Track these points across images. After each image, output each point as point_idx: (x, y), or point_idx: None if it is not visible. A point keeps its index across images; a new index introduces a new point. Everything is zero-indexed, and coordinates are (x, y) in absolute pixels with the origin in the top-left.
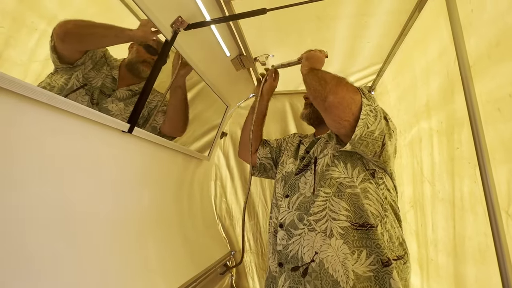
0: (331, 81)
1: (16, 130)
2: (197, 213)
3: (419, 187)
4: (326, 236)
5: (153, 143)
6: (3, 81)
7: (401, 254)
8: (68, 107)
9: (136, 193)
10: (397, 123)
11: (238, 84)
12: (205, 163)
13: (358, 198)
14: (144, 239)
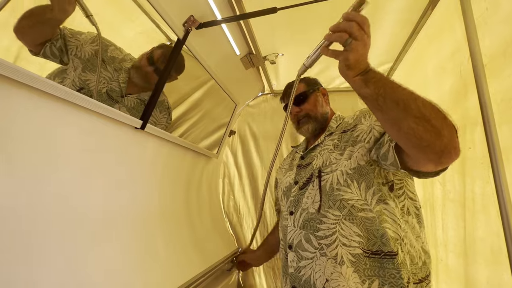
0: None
1: (30, 124)
2: (205, 210)
3: (429, 187)
4: (337, 263)
5: (164, 140)
6: (21, 76)
7: (424, 276)
8: (82, 102)
9: (147, 189)
10: None
11: (247, 82)
12: (214, 160)
13: (373, 223)
14: (153, 234)
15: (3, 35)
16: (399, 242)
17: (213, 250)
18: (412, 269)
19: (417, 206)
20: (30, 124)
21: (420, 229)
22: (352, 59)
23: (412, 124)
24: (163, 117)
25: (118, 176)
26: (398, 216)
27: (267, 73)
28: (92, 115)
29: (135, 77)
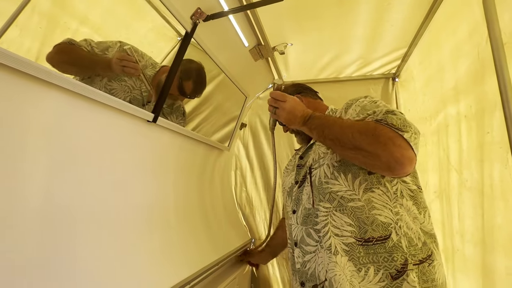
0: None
1: (47, 118)
2: (218, 201)
3: (445, 175)
4: (332, 254)
5: (176, 133)
6: (40, 72)
7: (425, 256)
8: (96, 96)
9: (160, 181)
10: (423, 109)
11: (257, 74)
12: (226, 153)
13: (362, 211)
14: (168, 226)
15: (25, 37)
16: (393, 226)
17: (226, 240)
18: (410, 251)
19: (411, 188)
20: (44, 119)
21: (419, 210)
22: (284, 120)
23: (351, 154)
24: (179, 123)
25: (132, 169)
26: (390, 200)
27: (276, 64)
28: (106, 109)
29: (159, 86)
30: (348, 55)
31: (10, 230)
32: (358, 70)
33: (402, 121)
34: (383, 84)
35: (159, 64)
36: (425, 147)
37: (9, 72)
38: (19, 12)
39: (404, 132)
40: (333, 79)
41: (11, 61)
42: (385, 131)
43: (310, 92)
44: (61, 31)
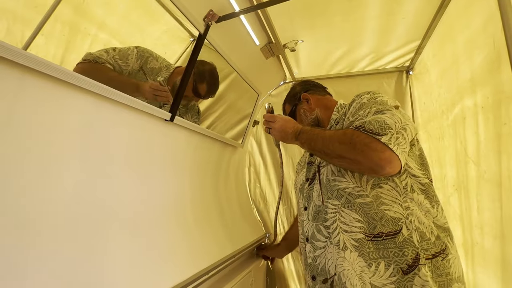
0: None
1: (71, 118)
2: (233, 197)
3: (463, 168)
4: (340, 249)
5: (192, 132)
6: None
7: (439, 250)
8: (118, 98)
9: (179, 178)
10: (439, 103)
11: (268, 72)
12: (239, 150)
13: (371, 207)
14: (186, 220)
15: (50, 44)
16: (403, 221)
17: (241, 235)
18: (423, 245)
19: (422, 182)
20: (68, 119)
21: (431, 204)
22: (278, 138)
23: (338, 162)
24: (194, 121)
25: (153, 167)
26: (400, 195)
27: (287, 61)
28: (127, 109)
29: (174, 89)
30: (359, 49)
31: (45, 227)
32: (371, 64)
33: (381, 124)
34: (397, 77)
35: (173, 66)
36: (442, 140)
37: (40, 77)
38: (45, 21)
39: (382, 135)
40: (345, 74)
41: (42, 67)
42: (361, 138)
43: (318, 88)
44: (82, 37)
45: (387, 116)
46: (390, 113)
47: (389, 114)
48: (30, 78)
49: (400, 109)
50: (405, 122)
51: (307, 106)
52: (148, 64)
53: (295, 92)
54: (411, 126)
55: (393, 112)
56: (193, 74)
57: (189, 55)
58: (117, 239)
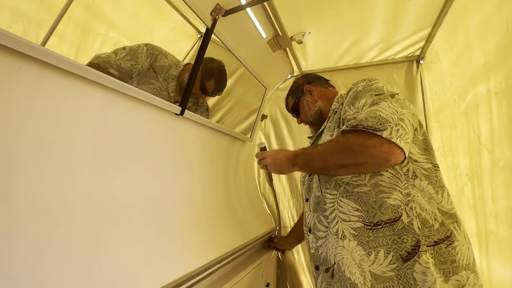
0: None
1: (86, 112)
2: (242, 191)
3: (476, 157)
4: (339, 238)
5: (202, 125)
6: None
7: (443, 237)
8: (131, 92)
9: (189, 171)
10: (450, 91)
11: (276, 65)
12: (248, 144)
13: (369, 195)
14: (196, 213)
15: (63, 45)
16: (403, 208)
17: (251, 227)
18: (424, 232)
19: (425, 167)
20: (83, 113)
21: (435, 189)
22: (275, 172)
23: (344, 171)
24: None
25: (164, 160)
26: (400, 182)
27: (295, 54)
28: (140, 104)
29: (182, 86)
30: (368, 39)
31: (63, 217)
32: (380, 55)
33: (378, 120)
34: (407, 67)
35: (181, 63)
36: (454, 129)
37: (58, 73)
38: (58, 22)
39: (382, 130)
40: (354, 66)
41: (60, 62)
42: (355, 139)
43: (321, 80)
44: (93, 37)
45: (382, 108)
46: (385, 104)
47: (384, 106)
48: (48, 73)
49: (397, 96)
50: (401, 112)
51: (310, 98)
52: (158, 62)
53: (298, 85)
54: (408, 115)
55: (388, 102)
56: (201, 71)
57: (197, 51)
58: (131, 230)
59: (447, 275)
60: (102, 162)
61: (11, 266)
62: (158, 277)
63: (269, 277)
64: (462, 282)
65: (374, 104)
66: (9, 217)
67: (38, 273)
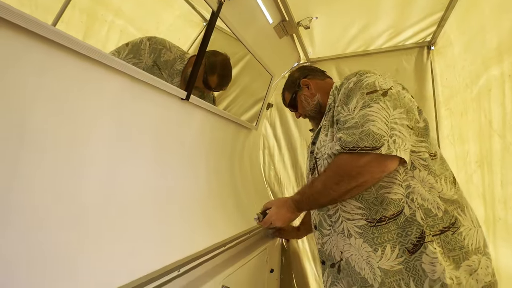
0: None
1: (102, 96)
2: (247, 178)
3: (486, 142)
4: (345, 237)
5: (208, 112)
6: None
7: (448, 225)
8: (142, 77)
9: (194, 158)
10: (462, 76)
11: (282, 53)
12: (254, 133)
13: (370, 192)
14: (199, 199)
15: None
16: (404, 201)
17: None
18: (428, 222)
19: (423, 157)
20: (97, 97)
21: (435, 178)
22: (283, 225)
23: (348, 196)
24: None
25: (170, 145)
26: (400, 174)
27: (301, 40)
28: (149, 87)
29: (186, 80)
30: (377, 25)
31: (79, 198)
32: (389, 41)
33: (372, 137)
34: (417, 54)
35: (186, 55)
36: (465, 115)
37: (67, 53)
38: (65, 8)
39: (380, 147)
40: (362, 53)
41: (71, 43)
42: (349, 163)
43: (317, 72)
44: (100, 24)
45: (374, 113)
46: (377, 107)
47: (375, 110)
48: (57, 53)
49: (390, 92)
50: (392, 115)
51: (307, 92)
52: (162, 57)
53: (294, 79)
54: (400, 115)
55: (380, 104)
56: (204, 66)
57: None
58: (142, 213)
59: (457, 262)
60: (111, 145)
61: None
62: (169, 256)
63: (274, 264)
64: (473, 267)
65: (365, 107)
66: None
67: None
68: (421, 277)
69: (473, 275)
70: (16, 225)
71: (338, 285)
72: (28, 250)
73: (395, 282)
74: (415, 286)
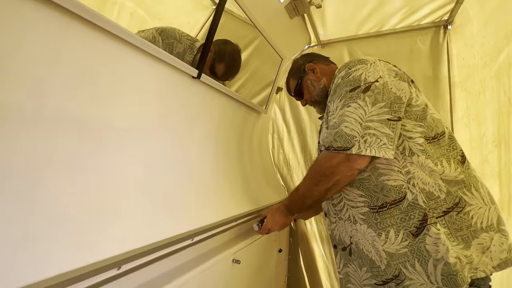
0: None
1: (116, 70)
2: (256, 161)
3: (505, 120)
4: (352, 223)
5: (219, 92)
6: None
7: (452, 205)
8: (150, 49)
9: (203, 137)
10: (481, 54)
11: (292, 34)
12: (263, 116)
13: (370, 180)
14: (210, 178)
15: None
16: (405, 187)
17: (264, 196)
18: (431, 205)
19: (419, 142)
20: (113, 71)
21: (434, 162)
22: (279, 229)
23: (329, 194)
24: None
25: (178, 123)
26: (398, 161)
27: (313, 21)
28: (157, 62)
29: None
30: (391, 3)
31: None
32: (403, 20)
33: (345, 138)
34: (433, 34)
35: (196, 44)
36: (482, 95)
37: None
38: None
39: (351, 148)
40: (375, 34)
41: (85, 14)
42: (323, 164)
43: (322, 58)
44: (111, 5)
45: (349, 114)
46: (354, 106)
47: (351, 110)
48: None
49: (374, 85)
50: (370, 112)
51: (313, 77)
52: (174, 51)
53: (299, 65)
54: (378, 110)
55: (359, 101)
56: (213, 53)
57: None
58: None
59: (466, 241)
60: (125, 119)
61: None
62: (180, 226)
63: (282, 244)
64: (485, 244)
65: (344, 106)
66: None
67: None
68: (425, 257)
69: (486, 253)
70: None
71: (350, 266)
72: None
73: (401, 264)
74: (420, 266)
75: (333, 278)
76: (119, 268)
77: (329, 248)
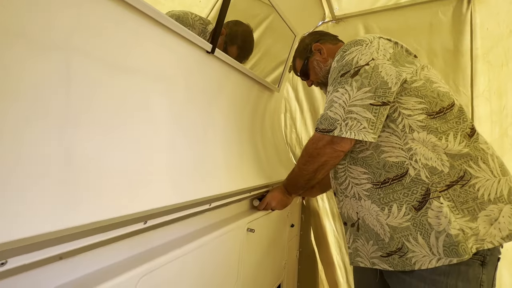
0: (305, 160)
1: (133, 43)
2: (268, 139)
3: None
4: (357, 199)
5: (232, 68)
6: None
7: (456, 179)
8: (164, 21)
9: (216, 113)
10: (507, 22)
11: (306, 9)
12: (276, 95)
13: (372, 158)
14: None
15: None
16: (407, 163)
17: (276, 173)
18: (434, 180)
19: (419, 119)
20: (129, 46)
21: (438, 136)
22: (282, 207)
23: (319, 175)
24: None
25: (193, 95)
26: (400, 139)
27: None
28: (171, 34)
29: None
30: None
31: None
32: None
33: (328, 121)
34: (455, 4)
35: (208, 28)
36: (506, 66)
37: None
38: None
39: (333, 130)
40: (393, 6)
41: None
42: (310, 145)
43: (329, 37)
44: None
45: (335, 100)
46: (341, 91)
47: (338, 96)
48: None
49: (364, 69)
50: (354, 97)
51: (320, 57)
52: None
53: (305, 44)
54: (363, 95)
55: (346, 86)
56: (225, 35)
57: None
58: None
59: (473, 213)
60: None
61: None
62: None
63: (294, 219)
64: (493, 216)
65: (334, 91)
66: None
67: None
68: (427, 230)
69: (494, 224)
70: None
71: (359, 241)
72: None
73: (403, 237)
74: (423, 239)
75: (344, 253)
76: (145, 223)
77: (340, 224)
